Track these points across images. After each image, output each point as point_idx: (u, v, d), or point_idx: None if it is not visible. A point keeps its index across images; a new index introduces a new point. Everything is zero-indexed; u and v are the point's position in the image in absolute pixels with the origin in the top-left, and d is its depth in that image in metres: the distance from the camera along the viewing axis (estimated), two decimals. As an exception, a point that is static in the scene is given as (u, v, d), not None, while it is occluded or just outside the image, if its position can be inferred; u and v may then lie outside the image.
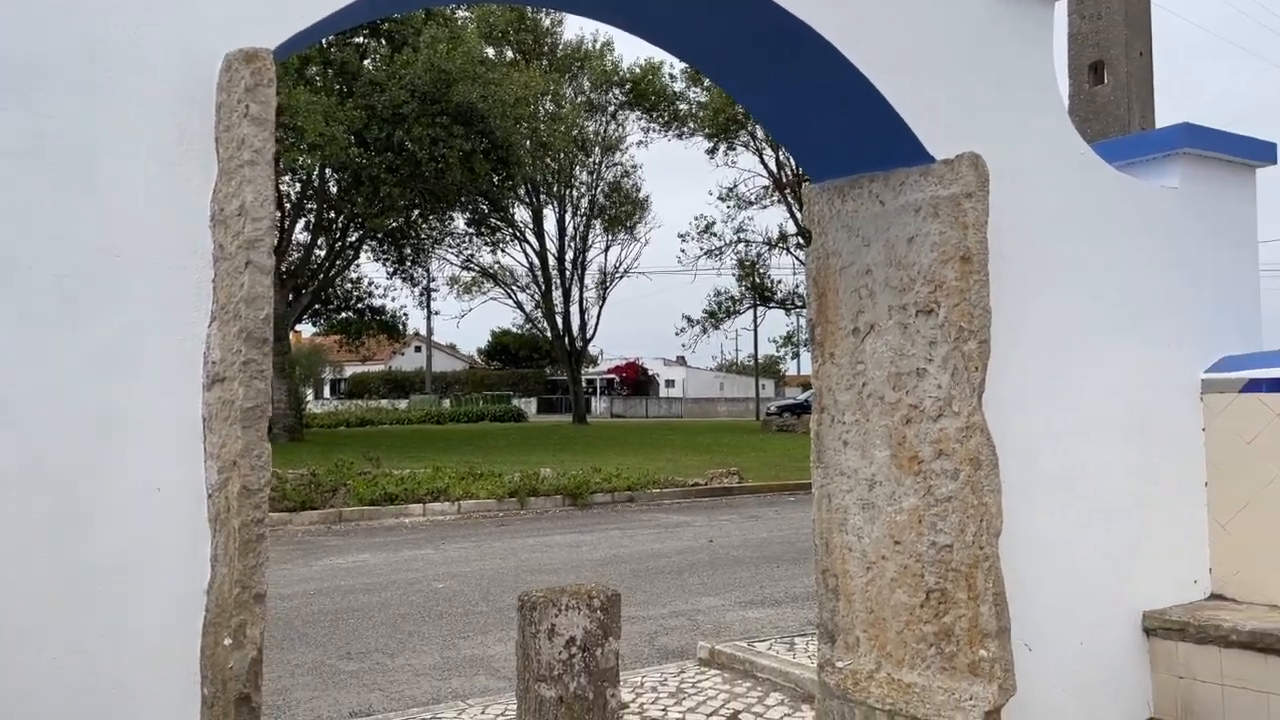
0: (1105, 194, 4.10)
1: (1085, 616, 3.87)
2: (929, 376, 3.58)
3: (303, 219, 30.16)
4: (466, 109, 24.54)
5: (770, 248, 40.17)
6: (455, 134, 24.38)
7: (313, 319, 35.68)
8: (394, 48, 25.76)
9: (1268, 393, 4.19)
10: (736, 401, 69.66)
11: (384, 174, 24.84)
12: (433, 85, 24.01)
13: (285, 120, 21.18)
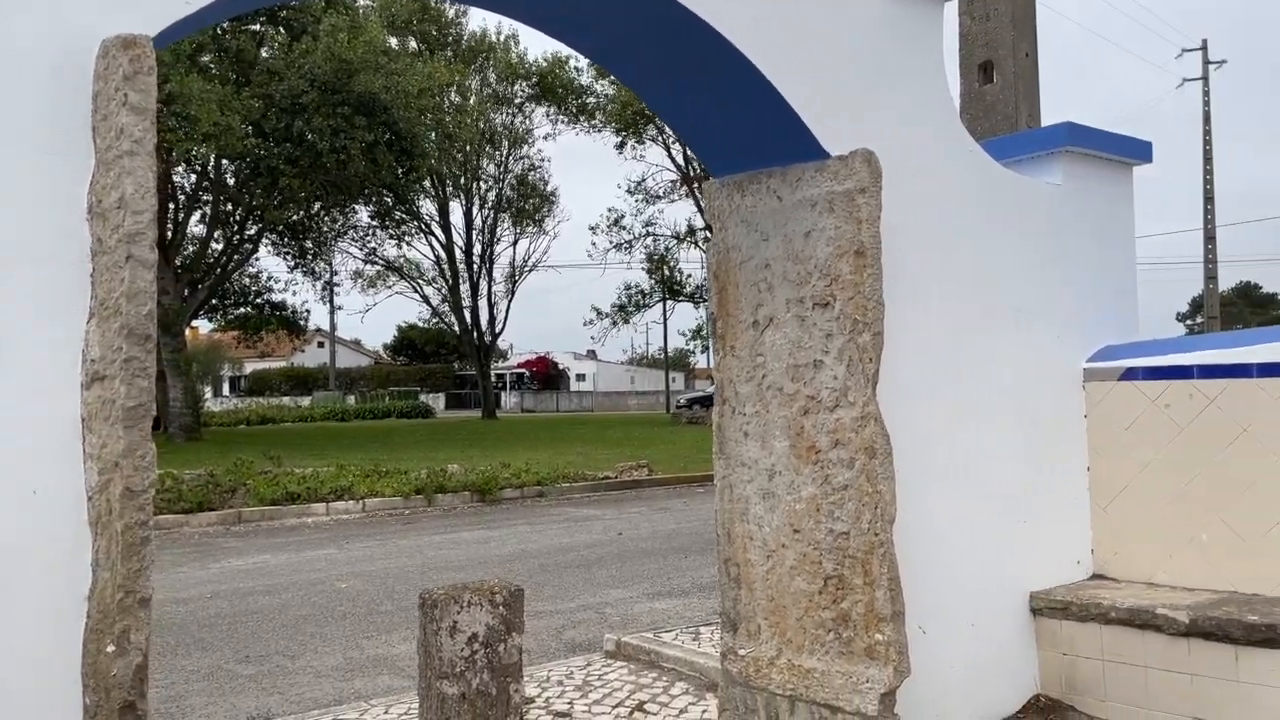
0: (993, 190, 4.24)
1: (976, 598, 4.01)
2: (826, 368, 3.65)
3: (198, 211, 29.19)
4: (369, 99, 24.04)
5: (679, 242, 40.42)
6: (357, 125, 23.87)
7: (210, 315, 34.57)
8: (292, 36, 25.07)
9: (1144, 380, 4.40)
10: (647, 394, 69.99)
11: (283, 165, 24.19)
12: (333, 75, 23.45)
13: (177, 109, 20.46)
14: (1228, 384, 4.16)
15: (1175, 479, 4.28)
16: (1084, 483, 4.54)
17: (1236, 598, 4.00)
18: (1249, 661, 3.65)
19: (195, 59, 23.12)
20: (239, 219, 29.17)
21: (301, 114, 23.55)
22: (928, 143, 3.97)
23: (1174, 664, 3.84)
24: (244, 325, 35.26)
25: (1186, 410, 4.26)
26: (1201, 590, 4.15)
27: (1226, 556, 4.13)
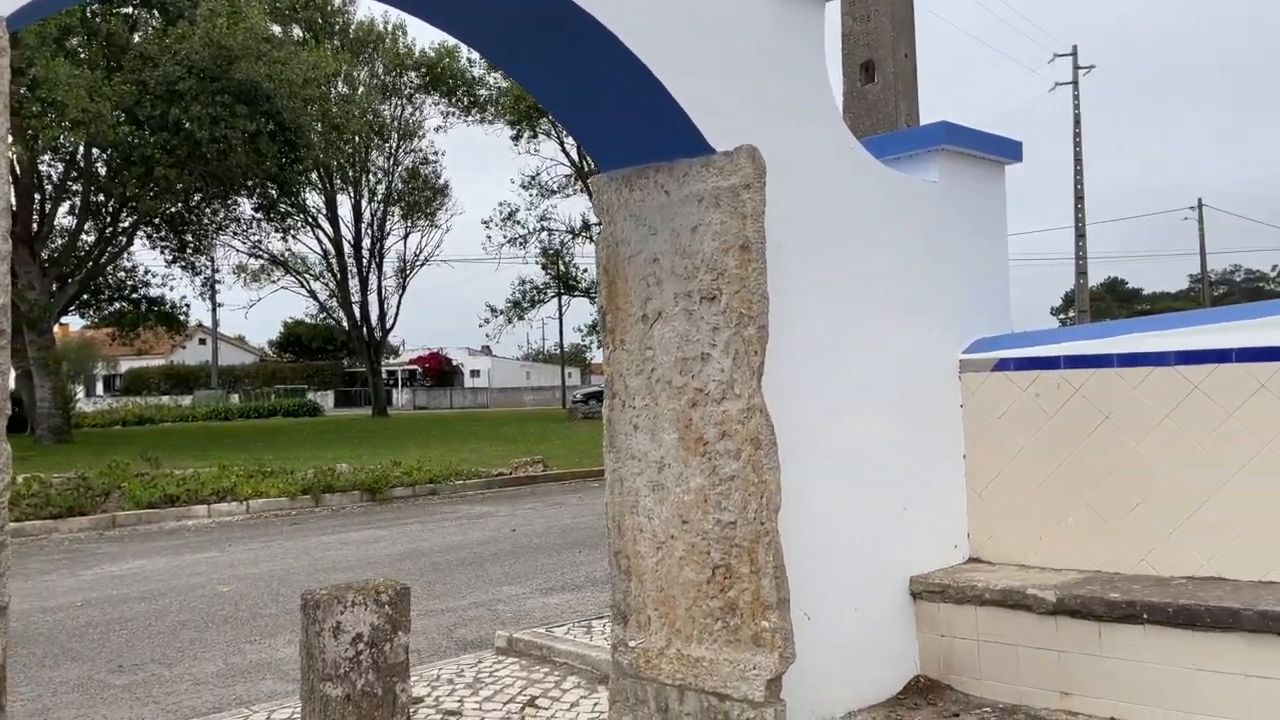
0: (874, 187, 4.36)
1: (859, 584, 4.12)
2: (713, 361, 3.70)
3: (67, 202, 27.77)
4: (250, 88, 23.24)
5: (574, 236, 40.35)
6: (238, 114, 23.05)
7: (82, 311, 32.94)
8: (167, 20, 24.07)
9: (1015, 371, 4.59)
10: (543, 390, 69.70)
11: (159, 154, 23.18)
12: (212, 62, 22.59)
13: (43, 94, 19.43)
14: (1091, 374, 4.37)
15: (1044, 465, 4.47)
16: (961, 470, 4.71)
17: (1100, 577, 4.21)
18: (1111, 637, 3.85)
19: (62, 42, 22.01)
20: (111, 210, 27.86)
21: (179, 101, 22.63)
22: (811, 139, 4.05)
23: (1043, 641, 4.02)
24: (119, 322, 33.71)
25: (1054, 399, 4.46)
26: (1069, 570, 4.35)
27: (1091, 538, 4.34)
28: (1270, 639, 3.52)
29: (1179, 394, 4.13)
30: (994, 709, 4.01)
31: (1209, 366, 4.07)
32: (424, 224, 43.72)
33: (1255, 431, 3.95)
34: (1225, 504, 4.00)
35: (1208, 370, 4.07)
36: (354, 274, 42.23)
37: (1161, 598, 3.78)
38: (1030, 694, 4.05)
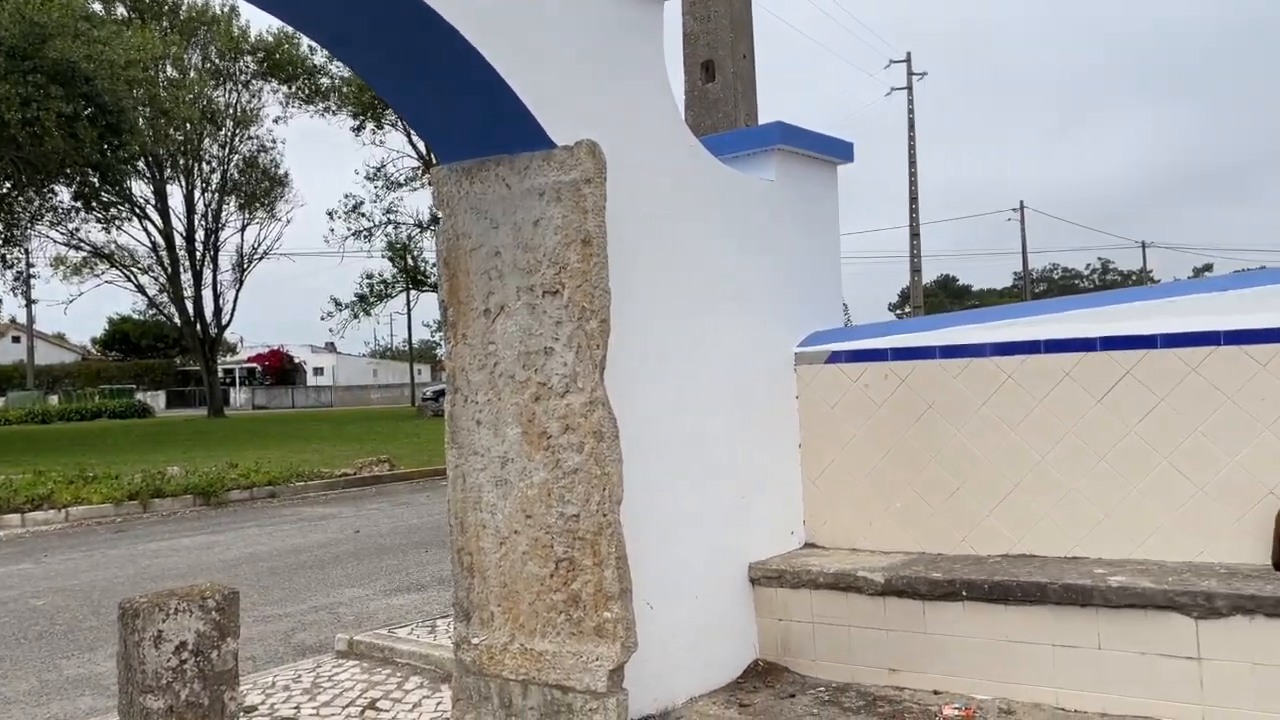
0: (713, 184, 4.46)
1: (700, 573, 4.21)
2: (556, 355, 3.71)
3: None
4: (66, 68, 21.74)
5: (421, 230, 39.57)
6: (53, 95, 21.51)
7: (-127, 306, 30.11)
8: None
9: (846, 363, 4.78)
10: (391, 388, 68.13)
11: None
12: (22, 39, 21.02)
13: None
14: (916, 365, 4.60)
15: (874, 452, 4.68)
16: (797, 459, 4.87)
17: (925, 557, 4.44)
18: (935, 614, 4.07)
19: None
20: (-91, 197, 25.61)
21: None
22: (651, 136, 4.11)
23: (873, 621, 4.21)
24: (-82, 318, 30.96)
25: (882, 389, 4.67)
26: (897, 553, 4.57)
27: (917, 521, 4.58)
28: (1074, 610, 3.80)
29: (994, 383, 4.40)
30: (827, 688, 4.17)
31: (1020, 357, 4.35)
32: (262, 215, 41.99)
33: (1061, 418, 4.24)
34: (1035, 486, 4.29)
35: (1019, 361, 4.35)
36: (186, 267, 40.17)
37: (978, 575, 4.02)
38: (862, 672, 4.23)
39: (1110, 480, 4.14)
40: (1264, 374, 3.85)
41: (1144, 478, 4.08)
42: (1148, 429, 4.07)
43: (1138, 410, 4.09)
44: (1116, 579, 3.78)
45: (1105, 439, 4.15)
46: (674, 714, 3.90)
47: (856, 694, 4.08)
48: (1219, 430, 3.94)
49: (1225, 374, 3.93)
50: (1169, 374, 4.04)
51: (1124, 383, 4.12)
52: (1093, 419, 4.18)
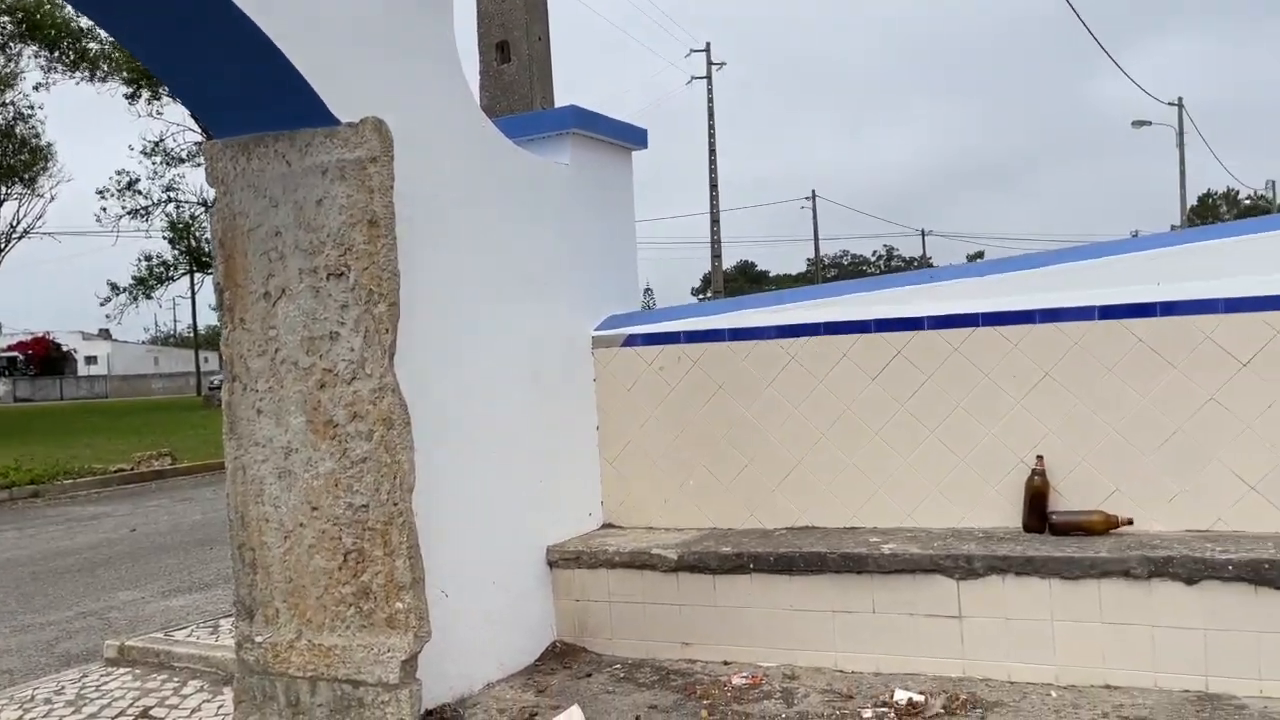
0: (507, 167, 4.41)
1: (497, 557, 4.18)
2: (342, 340, 3.58)
3: None
4: None
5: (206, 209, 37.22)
6: None
7: None
8: None
9: (642, 346, 4.86)
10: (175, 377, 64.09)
11: None
12: None
13: None
14: (707, 347, 4.74)
15: (669, 433, 4.79)
16: (595, 441, 4.92)
17: (716, 533, 4.59)
18: (725, 587, 4.22)
19: None
20: None
21: None
22: (442, 116, 4.02)
23: (667, 597, 4.31)
24: None
25: (676, 371, 4.78)
26: (690, 529, 4.70)
27: (709, 498, 4.72)
28: (851, 578, 4.02)
29: (779, 364, 4.59)
30: (623, 665, 4.25)
31: (803, 339, 4.55)
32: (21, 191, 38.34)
33: (840, 396, 4.48)
34: (817, 462, 4.51)
35: (802, 342, 4.55)
36: (-70, 246, 36.22)
37: (765, 548, 4.19)
38: (657, 647, 4.33)
39: (884, 454, 4.41)
40: (1016, 353, 4.20)
41: (913, 451, 4.36)
42: (916, 405, 4.35)
43: (908, 388, 4.37)
44: (889, 546, 4.03)
45: (879, 415, 4.41)
46: (470, 701, 3.87)
47: (651, 669, 4.18)
48: (978, 405, 4.26)
49: (983, 353, 4.25)
50: (935, 353, 4.33)
51: (895, 362, 4.39)
52: (868, 397, 4.43)
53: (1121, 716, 3.37)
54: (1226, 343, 3.89)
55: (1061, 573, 3.72)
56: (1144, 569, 3.62)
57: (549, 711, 3.71)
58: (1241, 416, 3.86)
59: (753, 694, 3.82)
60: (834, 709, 3.62)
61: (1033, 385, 4.17)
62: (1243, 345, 3.86)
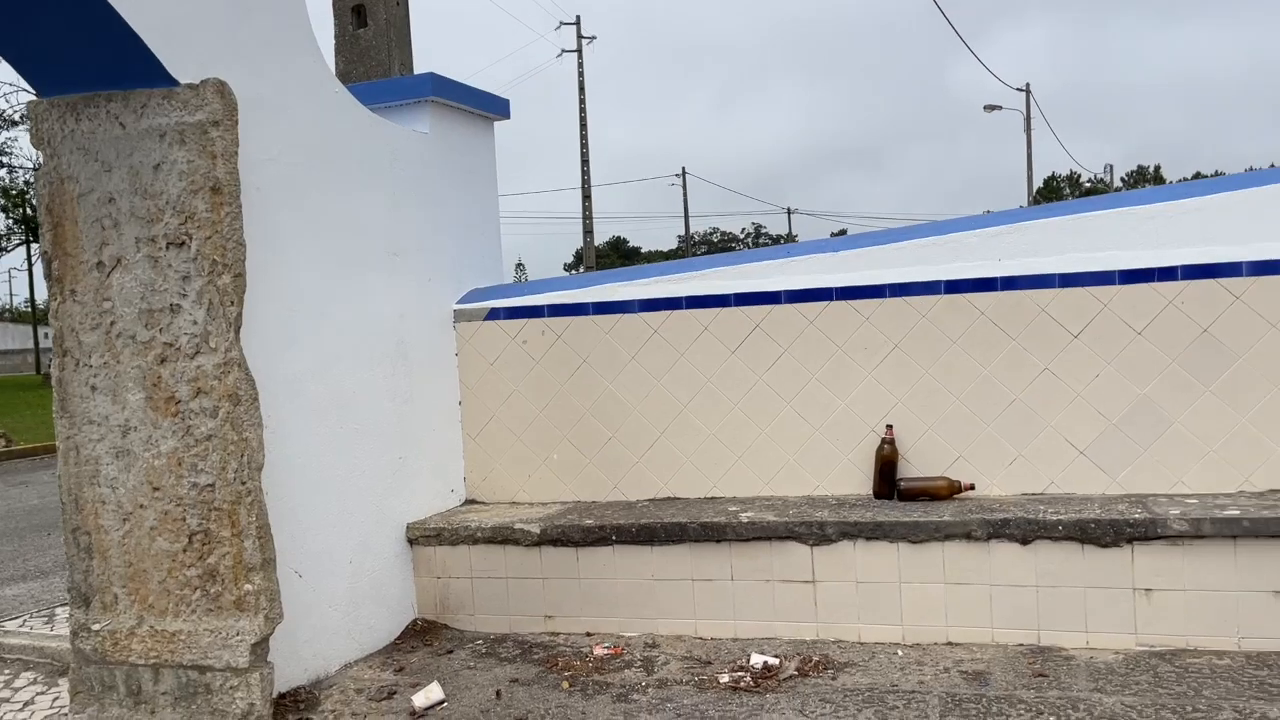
0: (362, 134, 4.27)
1: (355, 536, 4.09)
2: (184, 312, 3.42)
3: None
4: None
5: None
6: None
7: None
8: None
9: (505, 319, 4.81)
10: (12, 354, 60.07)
11: None
12: None
13: None
14: (571, 321, 4.72)
15: (533, 407, 4.77)
16: (457, 416, 4.86)
17: (580, 506, 4.60)
18: (587, 559, 4.23)
19: None
20: None
21: None
22: (292, 80, 3.86)
23: (530, 571, 4.30)
24: None
25: (540, 345, 4.76)
26: (554, 504, 4.70)
27: (573, 472, 4.73)
28: (710, 546, 4.10)
29: (642, 337, 4.62)
30: (486, 640, 4.23)
31: (665, 313, 4.59)
32: None
33: (701, 369, 4.54)
34: (679, 433, 4.57)
35: (664, 316, 4.59)
36: None
37: (627, 520, 4.22)
38: (520, 621, 4.32)
39: (743, 425, 4.50)
40: (867, 326, 4.34)
41: (771, 421, 4.46)
42: (774, 377, 4.45)
43: (766, 360, 4.46)
44: (747, 515, 4.12)
45: (739, 387, 4.49)
46: (326, 682, 3.78)
47: (514, 643, 4.17)
48: (832, 377, 4.39)
49: (837, 326, 4.38)
50: (791, 327, 4.43)
51: (754, 335, 4.48)
52: (728, 369, 4.51)
53: (961, 671, 3.55)
54: (1060, 316, 4.11)
55: (908, 537, 3.88)
56: (983, 531, 3.81)
57: (408, 689, 3.66)
58: (1072, 386, 4.09)
59: (614, 664, 3.86)
60: (693, 675, 3.69)
61: (883, 357, 4.32)
62: (1074, 318, 4.09)
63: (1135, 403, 4.03)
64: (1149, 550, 3.64)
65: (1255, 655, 3.50)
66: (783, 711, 3.28)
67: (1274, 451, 3.89)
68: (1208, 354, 3.95)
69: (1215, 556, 3.58)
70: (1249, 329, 3.90)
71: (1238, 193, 4.05)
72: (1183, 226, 4.05)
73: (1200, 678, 3.33)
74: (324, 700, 3.61)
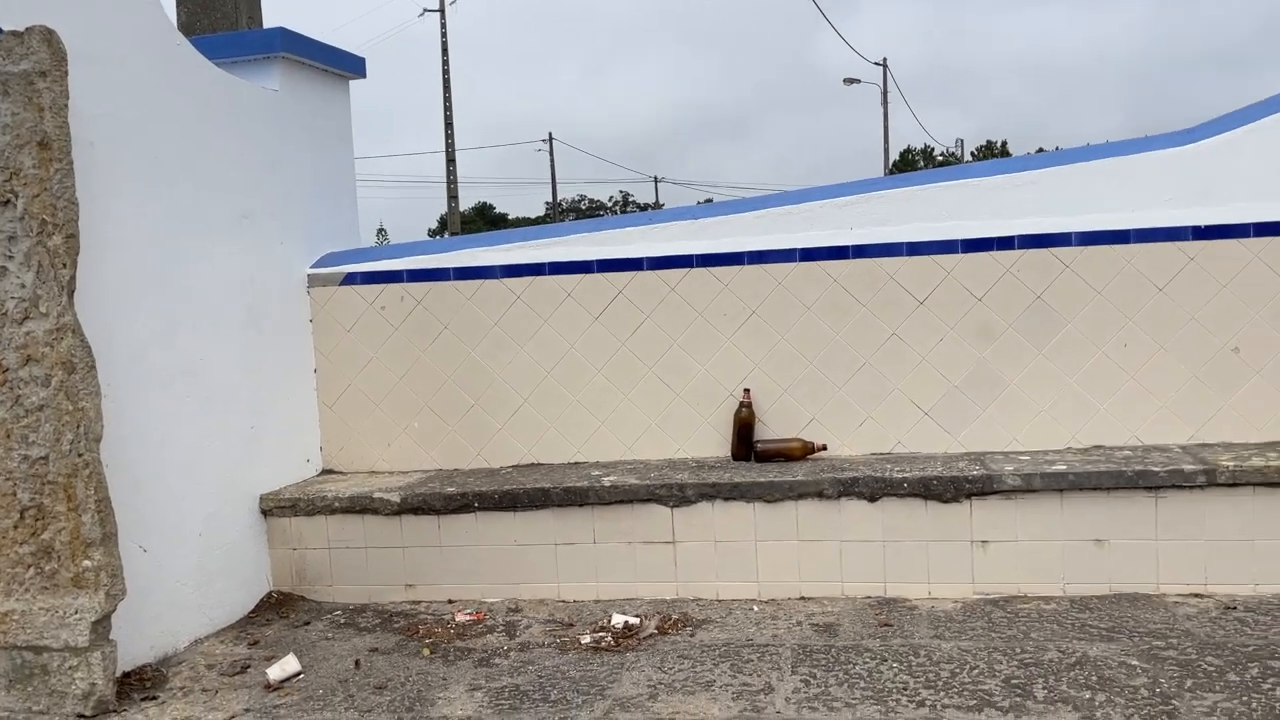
0: (206, 89, 4.08)
1: (204, 508, 3.95)
2: (10, 275, 3.22)
3: None
4: None
5: None
6: None
7: None
8: None
9: (363, 284, 4.70)
10: None
11: None
12: None
13: None
14: (432, 286, 4.65)
15: (392, 374, 4.68)
16: (312, 384, 4.73)
17: (442, 474, 4.56)
18: (449, 527, 4.21)
19: None
20: None
21: None
22: (126, 29, 3.65)
23: (390, 540, 4.25)
24: None
25: (399, 311, 4.67)
26: (415, 472, 4.64)
27: (435, 439, 4.67)
28: (574, 510, 4.13)
29: (505, 303, 4.59)
30: (345, 611, 4.16)
31: (528, 279, 4.57)
32: None
33: (565, 335, 4.55)
34: (543, 400, 4.57)
35: (527, 282, 4.57)
36: None
37: (490, 486, 4.21)
38: (380, 591, 4.27)
39: (606, 391, 4.53)
40: (726, 293, 4.42)
41: (634, 387, 4.51)
42: (637, 343, 4.50)
43: (629, 326, 4.50)
44: (609, 479, 4.17)
45: (602, 354, 4.53)
46: (175, 659, 3.66)
47: (373, 613, 4.12)
48: (692, 342, 4.46)
49: (697, 292, 4.45)
50: (653, 293, 4.48)
51: (617, 302, 4.51)
52: (591, 336, 4.53)
53: (813, 624, 3.70)
54: (907, 283, 4.29)
55: (764, 496, 4.01)
56: (835, 490, 3.96)
57: (262, 663, 3.58)
58: (918, 350, 4.29)
59: (476, 629, 3.86)
60: (555, 637, 3.72)
61: (741, 323, 4.42)
62: (920, 285, 4.28)
63: (975, 366, 4.25)
64: (985, 505, 3.87)
65: (1078, 599, 3.77)
66: (642, 669, 3.36)
67: (1097, 410, 4.17)
68: (1040, 320, 4.19)
69: (1044, 509, 3.83)
70: (1077, 296, 4.16)
71: (1069, 167, 4.29)
72: (1021, 198, 4.28)
73: (1029, 622, 3.57)
74: (172, 678, 3.50)
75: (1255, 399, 4.07)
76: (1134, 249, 4.12)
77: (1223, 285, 4.06)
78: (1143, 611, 3.60)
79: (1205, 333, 4.08)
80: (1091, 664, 3.16)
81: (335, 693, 3.32)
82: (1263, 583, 3.72)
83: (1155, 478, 3.74)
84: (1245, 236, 4.05)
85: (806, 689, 3.12)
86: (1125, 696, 2.92)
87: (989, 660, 3.25)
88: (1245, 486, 3.70)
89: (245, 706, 3.25)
